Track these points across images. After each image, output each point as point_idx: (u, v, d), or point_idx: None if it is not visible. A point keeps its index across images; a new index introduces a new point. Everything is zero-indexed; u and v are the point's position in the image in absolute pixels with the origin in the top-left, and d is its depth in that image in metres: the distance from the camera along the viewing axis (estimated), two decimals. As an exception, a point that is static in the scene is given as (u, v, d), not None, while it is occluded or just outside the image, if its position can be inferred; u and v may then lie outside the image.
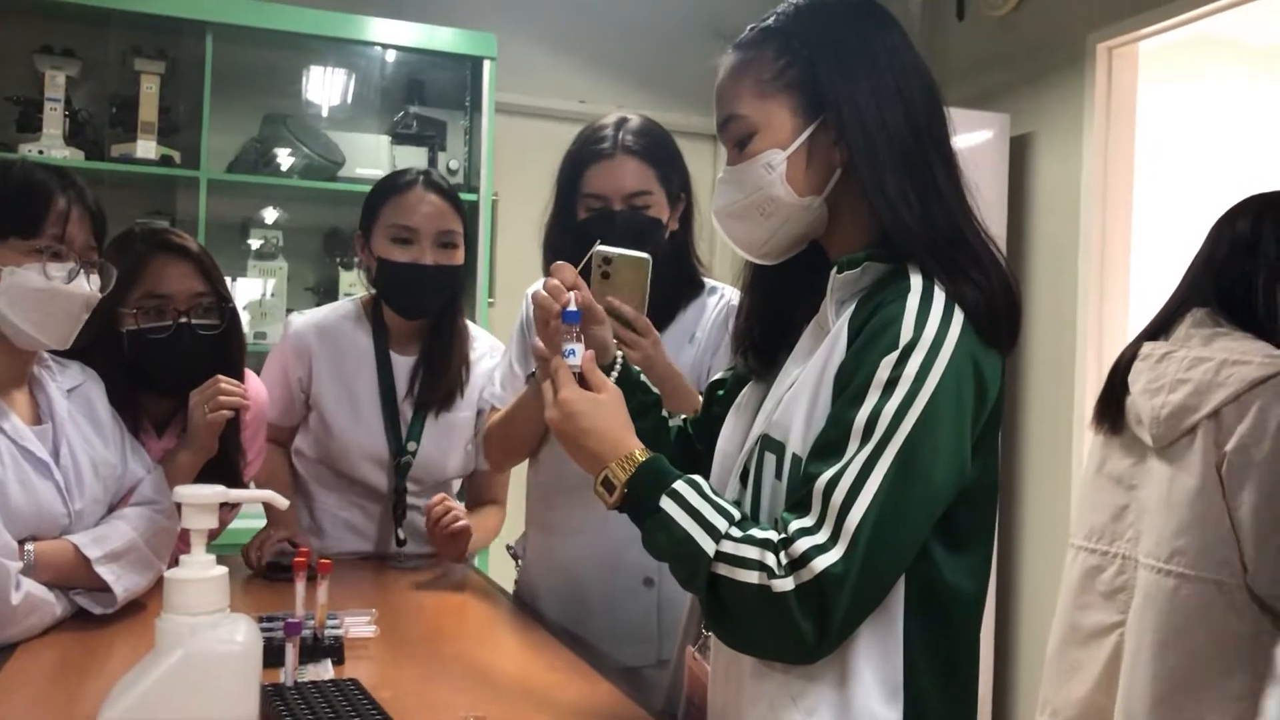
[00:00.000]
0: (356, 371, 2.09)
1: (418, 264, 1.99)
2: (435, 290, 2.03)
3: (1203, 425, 1.85)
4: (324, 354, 2.09)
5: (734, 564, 1.04)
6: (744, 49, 1.19)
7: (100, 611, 1.56)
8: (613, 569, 1.81)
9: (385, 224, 2.01)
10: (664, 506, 1.09)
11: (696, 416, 1.45)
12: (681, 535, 1.07)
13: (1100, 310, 3.42)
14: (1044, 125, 3.61)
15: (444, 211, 2.02)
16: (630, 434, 1.18)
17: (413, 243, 2.00)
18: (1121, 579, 1.99)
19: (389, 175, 2.12)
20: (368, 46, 3.66)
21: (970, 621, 1.14)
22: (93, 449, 1.64)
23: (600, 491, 1.15)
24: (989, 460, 1.13)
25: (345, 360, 2.09)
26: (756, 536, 1.04)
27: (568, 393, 1.19)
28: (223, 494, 0.96)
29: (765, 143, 1.15)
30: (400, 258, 1.99)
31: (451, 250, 2.03)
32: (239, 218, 3.60)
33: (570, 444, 1.19)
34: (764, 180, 1.15)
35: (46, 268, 1.51)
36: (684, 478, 1.11)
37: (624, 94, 4.05)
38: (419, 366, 2.10)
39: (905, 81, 1.14)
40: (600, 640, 1.78)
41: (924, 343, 1.04)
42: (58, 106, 3.21)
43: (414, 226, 1.99)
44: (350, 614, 1.59)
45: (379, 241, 2.02)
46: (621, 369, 1.40)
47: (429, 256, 1.99)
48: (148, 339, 1.81)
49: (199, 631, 0.91)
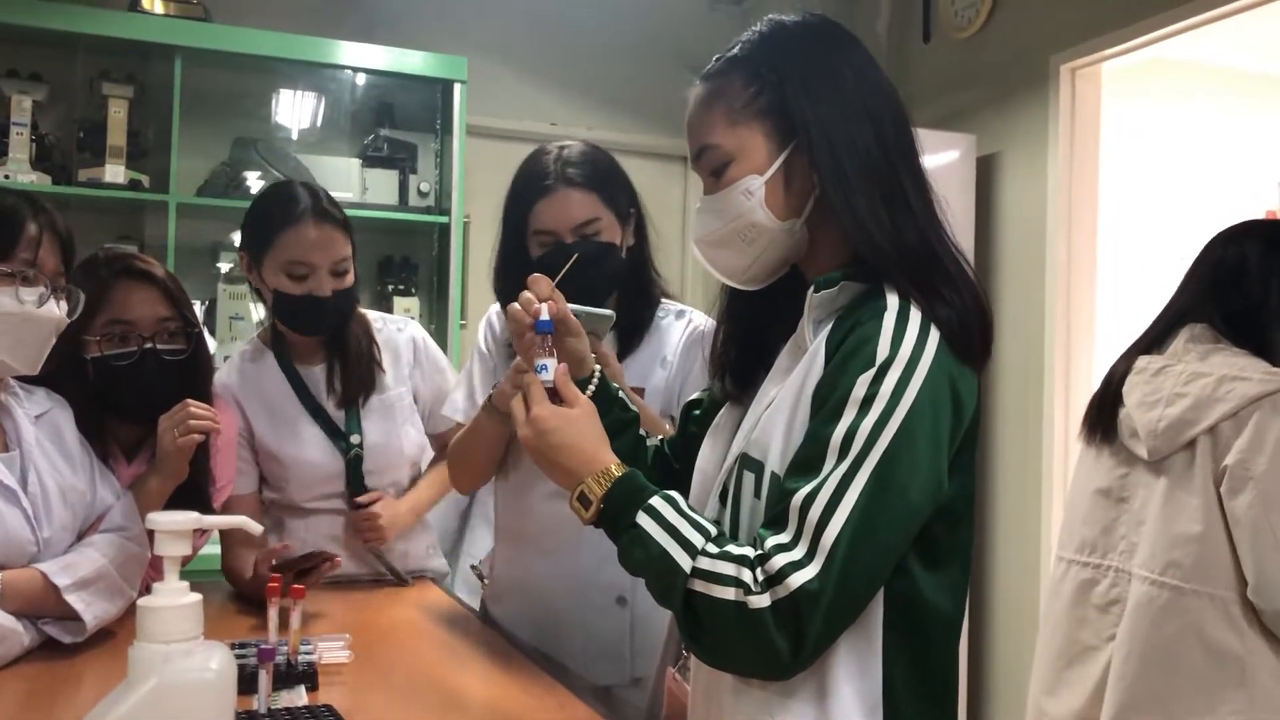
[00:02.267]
0: (280, 399, 2.10)
1: (314, 295, 1.99)
2: (333, 315, 2.04)
3: (1200, 439, 1.86)
4: (248, 397, 2.10)
5: (710, 580, 1.04)
6: (712, 79, 1.20)
7: (69, 640, 1.54)
8: (585, 587, 1.80)
9: (279, 258, 1.98)
10: (640, 522, 1.09)
11: (673, 436, 1.45)
12: (658, 551, 1.07)
13: (1068, 326, 3.46)
14: (1010, 145, 3.65)
15: (335, 239, 2.01)
16: (605, 448, 1.18)
17: (308, 276, 1.99)
18: (1115, 592, 1.98)
19: (276, 199, 2.07)
20: (338, 70, 3.66)
21: (948, 638, 1.15)
22: (61, 476, 1.62)
23: (576, 507, 1.15)
24: (966, 478, 1.14)
25: (267, 394, 2.11)
26: (733, 553, 1.05)
27: (540, 409, 1.18)
28: (196, 520, 0.96)
29: (742, 169, 1.16)
30: (297, 290, 1.99)
31: (344, 276, 2.03)
32: (209, 241, 3.58)
33: (544, 461, 1.18)
34: (744, 207, 1.16)
35: (18, 292, 1.50)
36: (660, 493, 1.12)
37: (594, 116, 4.07)
38: (330, 370, 2.11)
39: (872, 101, 1.16)
40: (573, 660, 1.77)
41: (900, 360, 1.05)
42: (24, 131, 3.18)
43: (310, 262, 1.98)
44: (324, 639, 1.57)
45: (272, 274, 2.00)
46: (599, 383, 1.40)
47: (326, 287, 1.99)
48: (113, 365, 1.79)
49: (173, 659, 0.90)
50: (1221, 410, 1.83)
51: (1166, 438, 1.90)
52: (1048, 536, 3.44)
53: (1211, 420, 1.84)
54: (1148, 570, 1.91)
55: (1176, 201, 4.60)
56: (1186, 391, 1.89)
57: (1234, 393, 1.83)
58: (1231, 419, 1.83)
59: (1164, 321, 2.07)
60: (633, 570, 1.12)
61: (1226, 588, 1.82)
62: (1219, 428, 1.84)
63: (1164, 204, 4.64)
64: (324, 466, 2.08)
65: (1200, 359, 1.93)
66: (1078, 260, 3.47)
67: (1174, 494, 1.89)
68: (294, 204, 2.00)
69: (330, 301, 2.00)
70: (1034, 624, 3.46)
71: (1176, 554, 1.86)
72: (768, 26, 1.21)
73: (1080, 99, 3.46)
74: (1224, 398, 1.84)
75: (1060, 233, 3.45)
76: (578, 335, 1.38)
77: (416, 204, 3.68)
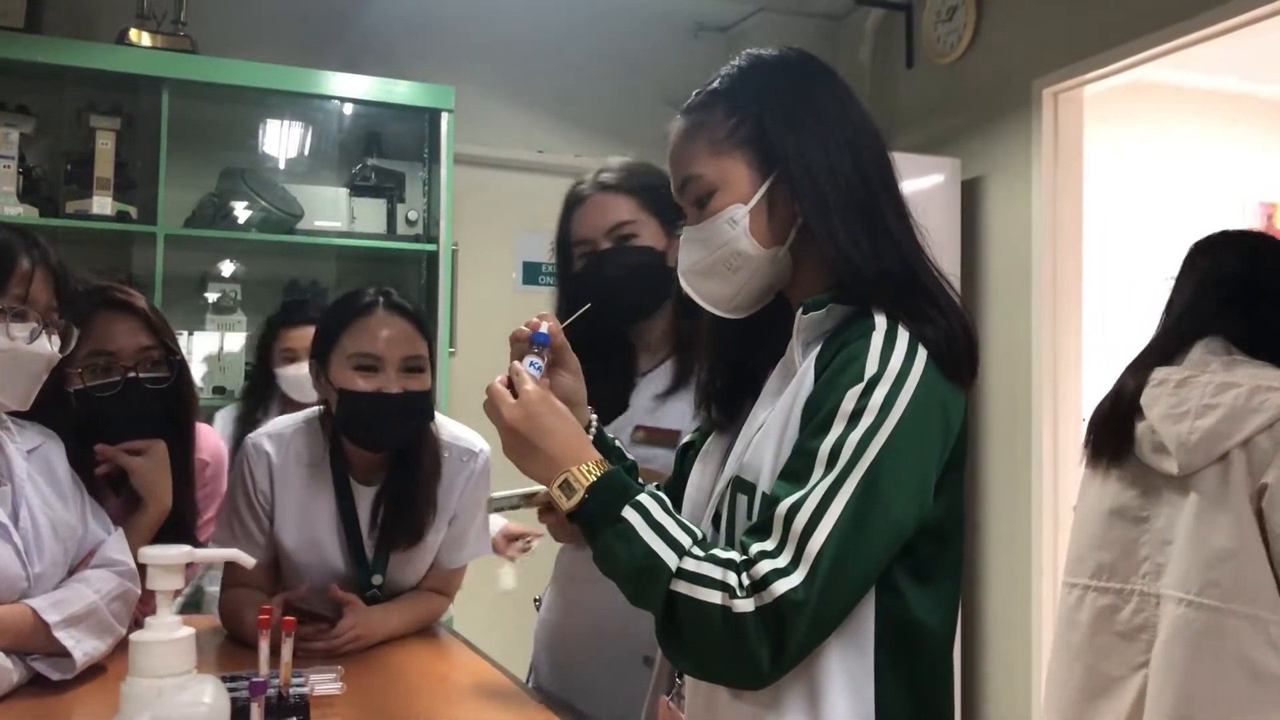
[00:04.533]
0: (317, 496, 1.92)
1: (383, 393, 1.80)
2: (402, 419, 1.85)
3: (1234, 453, 1.78)
4: (284, 467, 1.92)
5: (695, 582, 1.04)
6: (694, 112, 1.22)
7: (58, 677, 1.53)
8: (612, 642, 1.72)
9: (346, 352, 1.83)
10: (626, 516, 1.09)
11: (669, 481, 1.45)
12: (643, 549, 1.07)
13: (1054, 347, 3.48)
14: (994, 169, 3.68)
15: (409, 335, 1.85)
16: (589, 444, 1.18)
17: (378, 370, 1.82)
18: (1141, 617, 1.89)
19: (345, 298, 1.93)
20: (325, 100, 3.68)
21: (940, 655, 1.15)
22: (52, 511, 1.61)
23: (557, 495, 1.13)
24: (954, 497, 1.14)
25: (306, 481, 1.92)
26: (719, 556, 1.05)
27: (531, 390, 1.17)
28: (188, 554, 0.96)
29: (726, 199, 1.17)
30: (364, 387, 1.81)
31: (418, 375, 1.85)
32: (197, 272, 3.58)
33: (525, 445, 1.15)
34: (728, 235, 1.17)
35: (9, 328, 1.50)
36: (648, 490, 1.12)
37: (582, 143, 4.10)
38: (380, 501, 1.92)
39: (851, 132, 1.18)
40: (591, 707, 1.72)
41: (889, 376, 1.06)
42: (11, 164, 3.19)
43: (378, 354, 1.81)
44: (315, 671, 1.57)
45: (339, 371, 1.83)
46: (596, 434, 1.38)
47: (395, 384, 1.81)
48: (97, 396, 1.79)
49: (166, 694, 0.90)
50: (1257, 422, 1.77)
51: (1200, 451, 1.82)
52: (1037, 555, 3.44)
53: (1247, 433, 1.77)
54: (1181, 591, 1.82)
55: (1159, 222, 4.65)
56: (1217, 402, 1.82)
57: (1269, 403, 1.77)
58: (1267, 430, 1.76)
59: (1174, 336, 2.00)
60: (609, 569, 1.10)
61: (1270, 608, 1.74)
62: (1254, 440, 1.77)
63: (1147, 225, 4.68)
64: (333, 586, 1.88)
65: (1225, 369, 1.87)
66: (1063, 282, 3.49)
67: (1206, 510, 1.81)
68: (362, 298, 1.88)
69: (399, 401, 1.81)
70: (1025, 641, 3.47)
71: (1214, 573, 1.78)
72: (747, 61, 1.23)
73: (1063, 122, 3.49)
74: (1259, 408, 1.77)
75: (1045, 254, 3.48)
76: (575, 374, 1.35)
77: (404, 232, 3.69)
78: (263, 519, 1.91)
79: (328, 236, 3.56)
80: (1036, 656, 3.43)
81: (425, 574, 2.00)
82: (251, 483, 1.90)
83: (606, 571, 1.12)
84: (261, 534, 1.91)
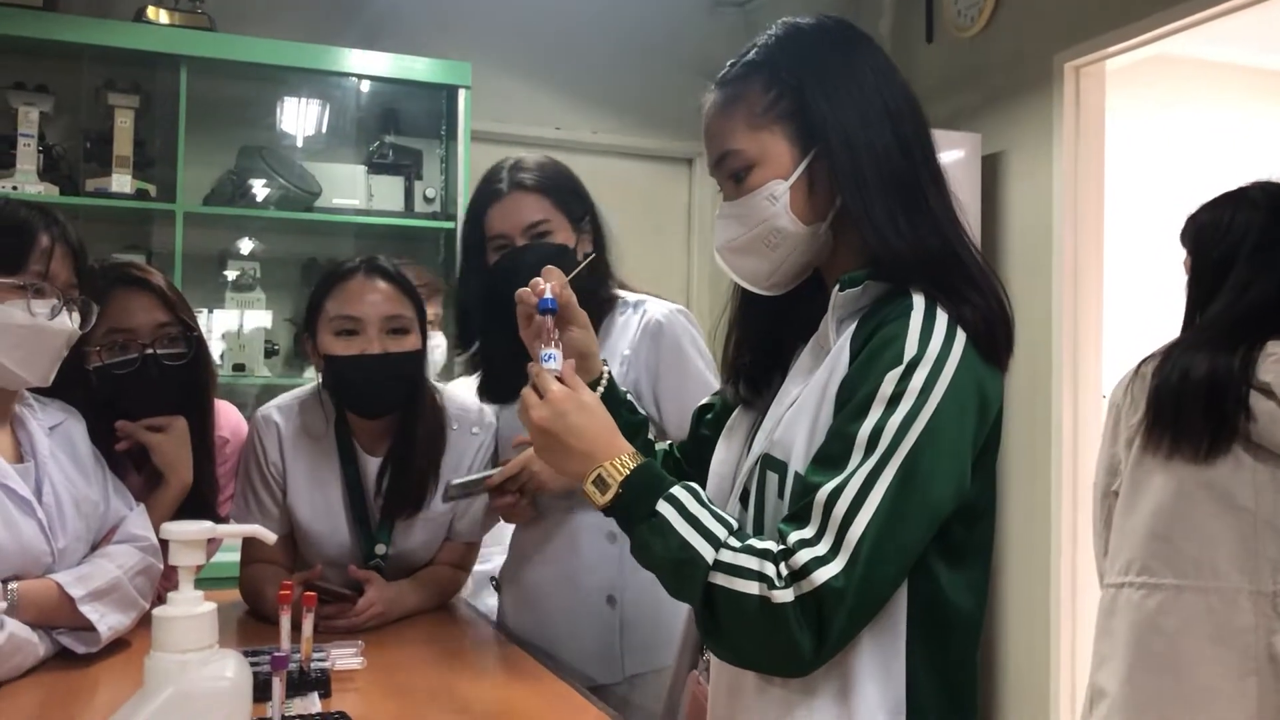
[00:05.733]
0: (325, 466, 1.94)
1: (364, 355, 1.81)
2: (387, 381, 1.85)
3: None
4: (293, 438, 1.94)
5: (733, 574, 1.04)
6: (730, 84, 1.19)
7: (84, 651, 1.55)
8: (576, 588, 1.82)
9: (328, 317, 1.85)
10: (661, 510, 1.08)
11: (684, 441, 1.45)
12: (679, 542, 1.06)
13: (1074, 324, 3.45)
14: (1015, 144, 3.65)
15: (390, 296, 1.85)
16: (619, 436, 1.17)
17: (358, 333, 1.83)
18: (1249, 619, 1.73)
19: (331, 268, 1.94)
20: (343, 77, 3.67)
21: (970, 637, 1.15)
22: (75, 487, 1.63)
23: (591, 491, 1.13)
24: (988, 478, 1.14)
25: (314, 451, 1.94)
26: (756, 546, 1.05)
27: (557, 390, 1.17)
28: (210, 530, 0.97)
29: (765, 175, 1.15)
30: (345, 351, 1.82)
31: (401, 336, 1.85)
32: (216, 250, 3.60)
33: (557, 444, 1.16)
34: (768, 212, 1.15)
35: (30, 304, 1.51)
36: (681, 483, 1.11)
37: (598, 119, 4.08)
38: (384, 470, 1.92)
39: (892, 103, 1.15)
40: (569, 660, 1.78)
41: (928, 358, 1.04)
42: (31, 142, 3.20)
43: (358, 315, 1.82)
44: (336, 646, 1.58)
45: (324, 337, 1.85)
46: (607, 384, 1.39)
47: (376, 345, 1.82)
48: (115, 374, 1.80)
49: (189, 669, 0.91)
50: None
51: None
52: (1056, 535, 3.43)
53: None
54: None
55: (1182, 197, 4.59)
56: None
57: None
58: None
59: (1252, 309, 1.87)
60: (646, 561, 1.11)
61: None
62: None
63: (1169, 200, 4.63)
64: (342, 557, 1.92)
65: None
66: (1084, 257, 3.47)
67: None
68: (344, 264, 1.91)
69: (380, 362, 1.82)
70: (1045, 623, 3.46)
71: None
72: (783, 30, 1.20)
73: (1084, 97, 3.46)
74: None
75: (1066, 230, 3.45)
76: (584, 328, 1.37)
77: (422, 210, 3.69)
78: (276, 491, 1.93)
79: (346, 214, 3.57)
80: (1054, 636, 3.43)
81: (440, 548, 2.01)
82: (263, 454, 1.93)
83: (644, 564, 1.11)
84: (276, 506, 1.93)
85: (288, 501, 1.93)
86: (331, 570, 1.89)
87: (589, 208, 1.90)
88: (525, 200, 1.83)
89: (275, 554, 1.90)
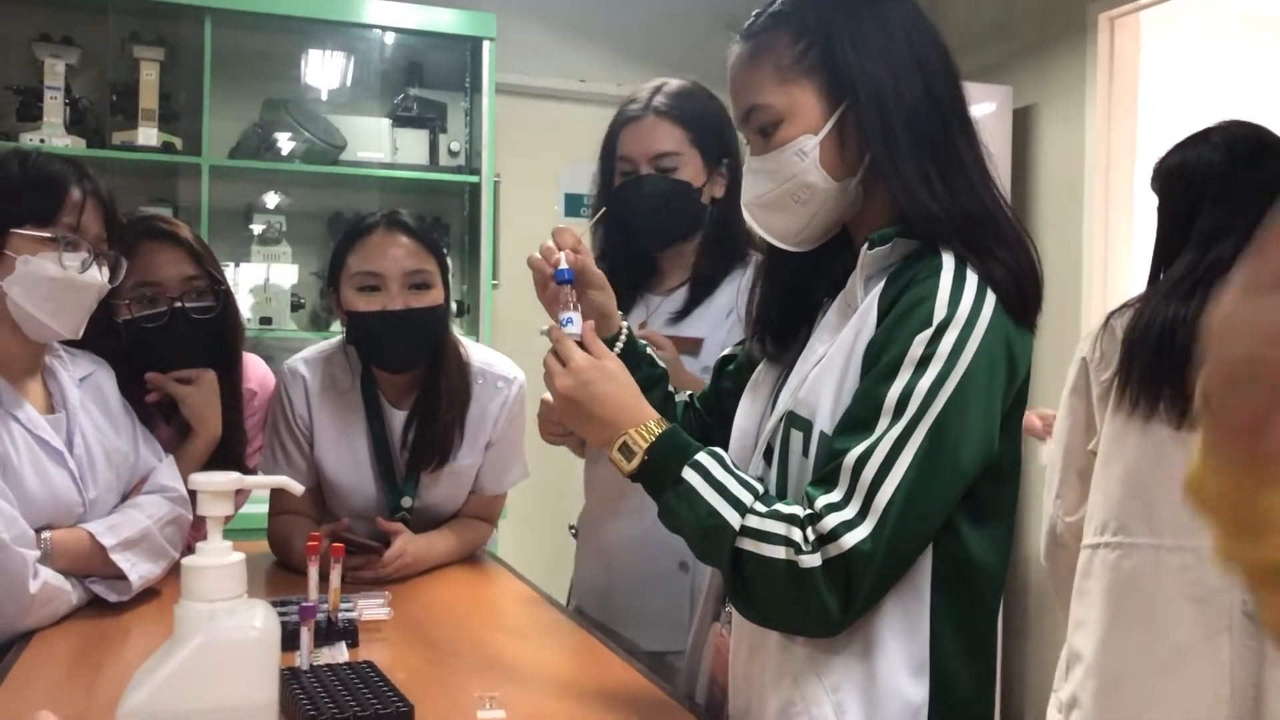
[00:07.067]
0: (352, 419, 1.95)
1: (386, 310, 1.82)
2: (408, 336, 1.86)
3: None
4: (320, 391, 1.95)
5: (759, 539, 1.04)
6: (756, 36, 1.16)
7: (115, 599, 1.57)
8: (648, 550, 1.77)
9: (350, 273, 1.85)
10: (686, 477, 1.09)
11: (705, 392, 1.45)
12: (705, 509, 1.07)
13: (1105, 281, 3.42)
14: (1047, 97, 3.60)
15: (411, 251, 1.85)
16: (644, 403, 1.18)
17: (379, 289, 1.83)
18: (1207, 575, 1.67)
19: (353, 223, 1.94)
20: (367, 29, 3.65)
21: (993, 595, 1.14)
22: (105, 437, 1.65)
23: (617, 458, 1.14)
24: (1014, 437, 1.13)
25: (341, 404, 1.95)
26: (782, 511, 1.05)
27: (580, 359, 1.17)
28: (238, 481, 0.97)
29: (794, 129, 1.13)
30: (367, 306, 1.83)
31: (422, 292, 1.85)
32: (242, 203, 3.60)
33: (581, 412, 1.17)
34: (797, 167, 1.13)
35: (61, 257, 1.52)
36: (706, 449, 1.11)
37: (624, 72, 4.04)
38: (409, 424, 1.93)
39: (922, 52, 1.13)
40: (632, 623, 1.77)
41: (958, 320, 1.03)
42: (58, 95, 3.20)
43: (379, 271, 1.83)
44: (363, 597, 1.60)
45: (346, 293, 1.86)
46: (627, 339, 1.38)
47: (397, 301, 1.83)
48: (144, 327, 1.82)
49: (217, 618, 0.92)
50: None
51: None
52: (1083, 492, 3.42)
53: None
54: None
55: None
56: None
57: None
58: None
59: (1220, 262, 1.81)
60: (674, 527, 1.11)
61: None
62: None
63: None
64: (368, 509, 1.94)
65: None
66: (1115, 213, 3.42)
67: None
68: (365, 219, 1.90)
69: (402, 318, 1.83)
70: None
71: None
72: None
73: (1119, 49, 3.39)
74: None
75: (1098, 185, 3.40)
76: (601, 288, 1.36)
77: (447, 163, 3.68)
78: (303, 443, 1.95)
79: (370, 168, 3.56)
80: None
81: (466, 501, 2.03)
82: (290, 406, 1.94)
83: (671, 529, 1.12)
84: (303, 458, 1.95)
85: (314, 454, 1.95)
86: (358, 522, 1.91)
87: (730, 150, 1.80)
88: (659, 127, 1.76)
89: (303, 505, 1.92)
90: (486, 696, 1.23)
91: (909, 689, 1.08)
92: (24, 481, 1.49)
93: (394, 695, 1.18)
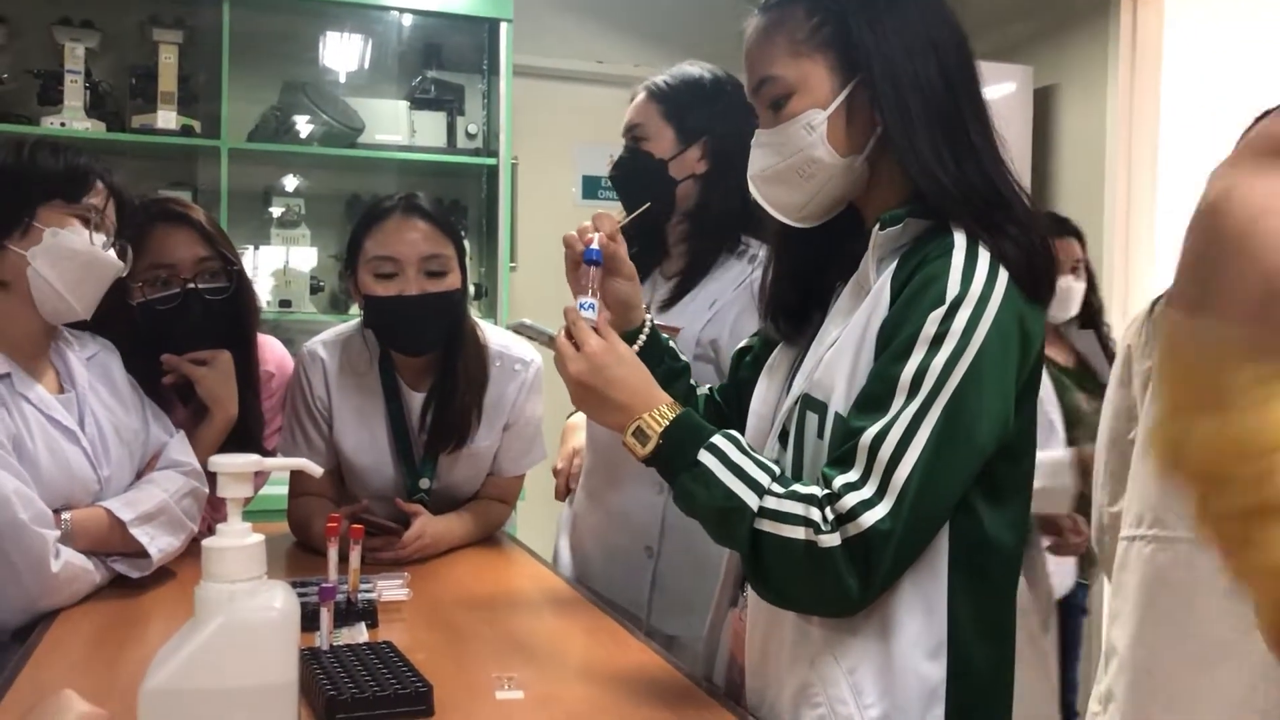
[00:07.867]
0: (370, 401, 1.95)
1: (402, 295, 1.82)
2: (425, 321, 1.86)
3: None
4: (338, 374, 1.96)
5: (778, 520, 1.04)
6: (773, 9, 1.17)
7: (137, 575, 1.59)
8: (616, 530, 1.82)
9: (368, 257, 1.85)
10: (703, 460, 1.08)
11: (724, 384, 1.44)
12: (722, 491, 1.07)
13: (1126, 263, 3.39)
14: (1068, 77, 3.56)
15: (428, 235, 1.85)
16: (657, 387, 1.18)
17: (396, 275, 1.84)
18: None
19: (370, 206, 1.94)
20: (384, 11, 3.64)
21: (1010, 574, 1.14)
22: (115, 416, 1.66)
23: (631, 443, 1.14)
24: (1028, 414, 1.13)
25: (360, 386, 1.96)
26: (800, 492, 1.05)
27: (594, 343, 1.17)
28: (257, 463, 0.97)
29: (804, 103, 1.13)
30: (384, 292, 1.83)
31: (439, 277, 1.86)
32: (260, 186, 3.61)
33: (595, 397, 1.16)
34: (804, 141, 1.13)
35: (91, 235, 1.54)
36: (721, 432, 1.11)
37: (642, 54, 4.02)
38: (428, 406, 1.94)
39: (936, 31, 1.13)
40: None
41: (971, 298, 1.03)
42: (78, 78, 3.21)
43: (395, 256, 1.83)
44: (383, 578, 1.60)
45: (364, 277, 1.86)
46: (650, 333, 1.38)
47: (414, 286, 1.83)
48: (157, 309, 1.82)
49: (238, 599, 0.92)
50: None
51: None
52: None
53: None
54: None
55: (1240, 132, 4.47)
56: None
57: None
58: None
59: None
60: (690, 509, 1.11)
61: None
62: None
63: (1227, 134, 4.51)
64: (387, 491, 1.95)
65: None
66: (1137, 194, 3.39)
67: None
68: (382, 202, 1.90)
69: (419, 303, 1.83)
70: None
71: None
72: None
73: (1142, 27, 3.36)
74: None
75: (1120, 167, 3.37)
76: (630, 279, 1.35)
77: (465, 146, 3.68)
78: (322, 425, 1.95)
79: (389, 150, 3.56)
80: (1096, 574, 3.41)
81: (485, 483, 2.03)
82: (309, 388, 1.95)
83: (688, 512, 1.12)
84: (322, 440, 1.96)
85: (334, 436, 1.96)
86: (377, 504, 1.92)
87: (711, 125, 1.77)
88: (636, 102, 1.83)
89: (323, 487, 1.93)
90: (505, 677, 1.23)
91: (926, 669, 1.08)
92: (39, 462, 1.50)
93: (413, 675, 1.18)
